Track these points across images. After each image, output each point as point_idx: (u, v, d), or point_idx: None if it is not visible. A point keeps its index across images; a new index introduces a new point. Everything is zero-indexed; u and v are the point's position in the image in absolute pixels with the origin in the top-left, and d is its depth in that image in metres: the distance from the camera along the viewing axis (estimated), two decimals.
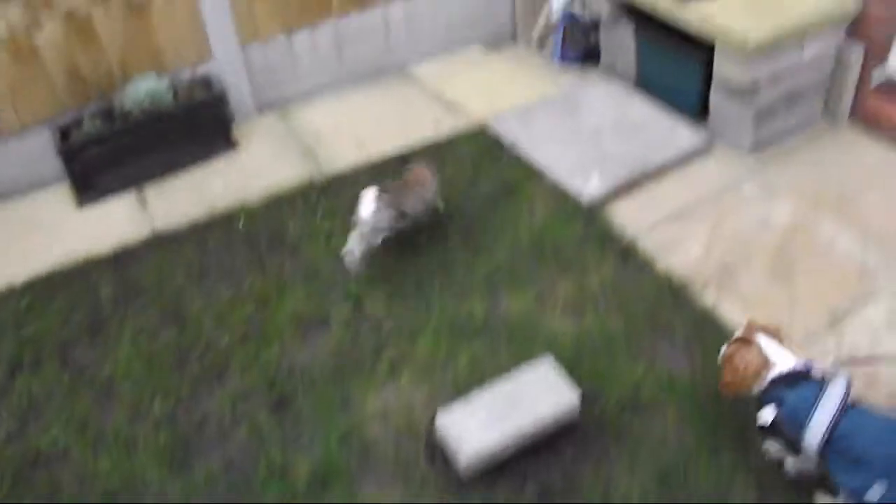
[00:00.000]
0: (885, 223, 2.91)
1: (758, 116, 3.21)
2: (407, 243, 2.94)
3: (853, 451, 1.75)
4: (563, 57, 3.89)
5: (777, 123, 3.31)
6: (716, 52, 3.14)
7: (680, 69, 3.39)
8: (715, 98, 3.32)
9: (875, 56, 3.27)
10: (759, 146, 3.31)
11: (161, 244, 3.07)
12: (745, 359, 1.94)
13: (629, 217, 3.03)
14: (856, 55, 3.28)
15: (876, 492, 1.68)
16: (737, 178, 3.19)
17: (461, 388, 2.40)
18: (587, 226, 2.98)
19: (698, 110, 3.42)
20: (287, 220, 3.11)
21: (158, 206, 3.26)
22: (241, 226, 3.10)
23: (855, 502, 1.75)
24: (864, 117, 3.41)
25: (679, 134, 3.34)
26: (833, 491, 1.89)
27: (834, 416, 1.77)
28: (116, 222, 3.22)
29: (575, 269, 2.82)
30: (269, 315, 2.74)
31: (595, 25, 3.77)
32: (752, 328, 2.03)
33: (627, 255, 2.87)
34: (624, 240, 2.93)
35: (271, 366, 2.57)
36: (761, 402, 1.93)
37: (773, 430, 1.93)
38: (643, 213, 3.04)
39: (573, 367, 2.42)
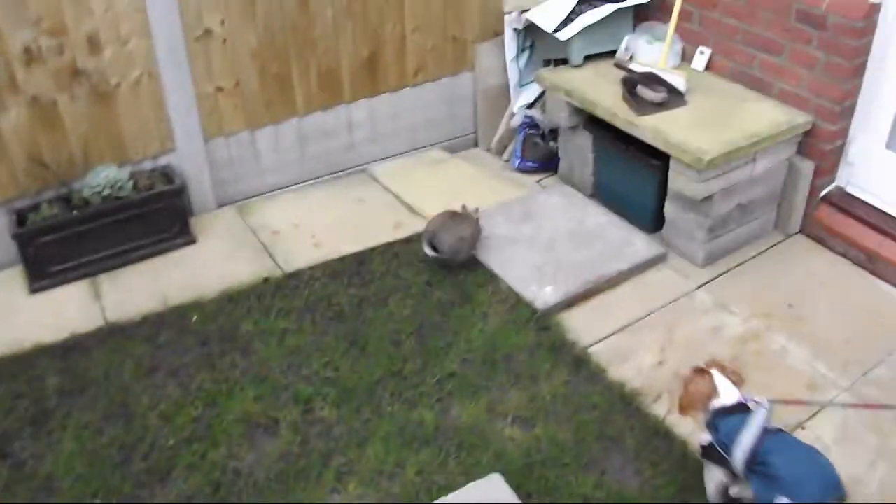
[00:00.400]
0: (835, 334, 3.00)
1: (711, 229, 3.30)
2: (359, 345, 2.93)
3: (768, 469, 2.07)
4: (522, 163, 3.99)
5: (730, 235, 3.41)
6: (671, 167, 3.25)
7: (636, 180, 3.50)
8: (670, 210, 3.41)
9: (825, 169, 3.42)
10: (712, 257, 3.39)
11: (112, 336, 3.01)
12: (697, 386, 2.29)
13: (582, 326, 3.06)
14: (806, 168, 3.42)
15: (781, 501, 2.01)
16: (690, 289, 3.26)
17: (409, 500, 2.36)
18: (540, 334, 3.00)
19: (654, 221, 3.51)
20: (241, 317, 3.08)
21: (112, 297, 3.21)
22: (193, 321, 3.06)
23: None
24: (814, 228, 3.53)
25: (634, 244, 3.41)
26: None
27: (755, 438, 2.11)
28: (68, 311, 3.15)
29: (526, 377, 2.82)
30: (217, 416, 2.68)
31: (554, 133, 3.89)
32: (712, 363, 2.36)
33: (580, 364, 2.88)
34: (576, 349, 2.95)
35: (217, 468, 2.50)
36: (706, 429, 2.28)
37: (709, 452, 2.27)
38: (596, 322, 3.08)
39: (522, 480, 2.40)
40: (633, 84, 3.43)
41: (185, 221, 3.51)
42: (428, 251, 3.25)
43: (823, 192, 3.49)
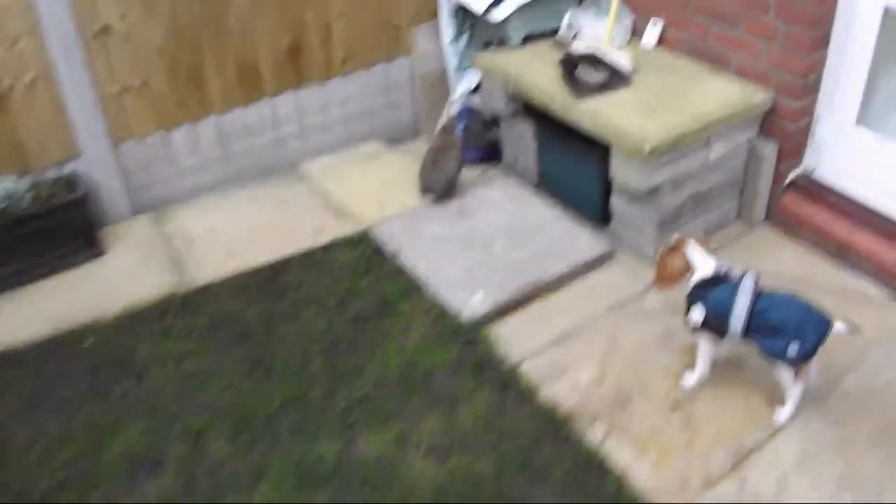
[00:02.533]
0: None
1: (661, 223, 2.98)
2: (263, 367, 2.65)
3: (770, 325, 2.25)
4: (465, 155, 3.66)
5: (685, 228, 3.08)
6: (612, 156, 2.92)
7: (580, 171, 3.17)
8: (616, 202, 3.09)
9: (790, 151, 3.08)
10: None
11: None
12: (672, 263, 2.40)
13: (515, 338, 2.75)
14: (769, 151, 3.08)
15: (793, 349, 2.22)
16: (640, 291, 2.93)
17: None
18: (465, 349, 2.70)
19: (601, 214, 3.19)
20: (139, 339, 2.80)
21: (1, 321, 2.94)
22: (87, 346, 2.79)
23: (780, 359, 2.27)
24: (780, 218, 3.20)
25: (578, 241, 3.10)
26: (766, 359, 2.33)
27: (749, 303, 2.27)
28: None
29: (446, 400, 2.52)
30: (99, 454, 2.40)
31: (496, 121, 3.57)
32: (682, 240, 2.42)
33: (508, 383, 2.58)
34: (506, 365, 2.64)
35: None
36: (688, 304, 2.38)
37: (703, 325, 2.37)
38: (531, 333, 2.77)
39: None
40: (573, 66, 3.10)
41: (91, 233, 3.24)
42: (426, 199, 3.35)
43: (789, 178, 3.14)
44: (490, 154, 3.65)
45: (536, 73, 3.20)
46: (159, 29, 3.18)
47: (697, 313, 2.35)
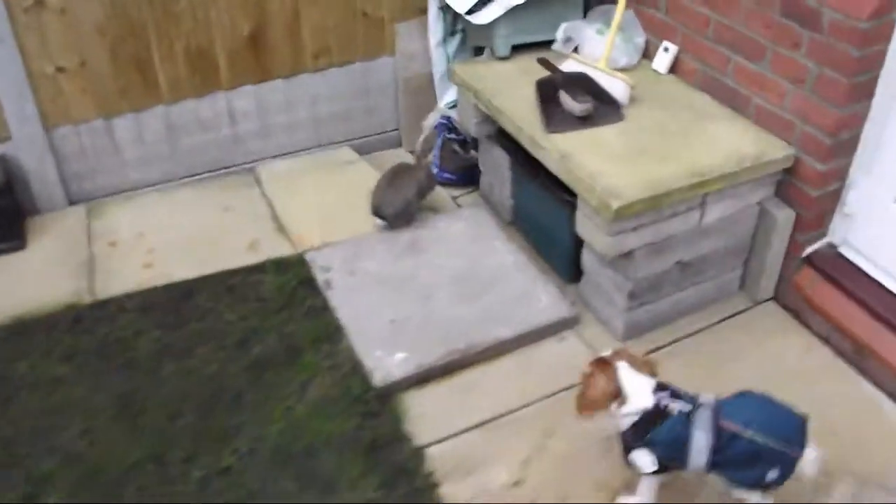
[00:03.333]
0: None
1: (634, 294, 2.47)
2: (132, 411, 2.31)
3: (740, 457, 1.79)
4: (440, 174, 3.21)
5: (667, 300, 2.56)
6: (578, 208, 2.42)
7: (553, 215, 2.68)
8: (587, 260, 2.59)
9: (811, 220, 2.51)
10: (639, 328, 2.56)
11: None
12: (597, 384, 1.88)
13: (429, 414, 2.32)
14: (785, 218, 2.52)
15: (773, 475, 1.79)
16: None
17: None
18: (365, 421, 2.28)
19: (573, 269, 2.69)
20: (21, 354, 2.50)
21: None
22: None
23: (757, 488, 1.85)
24: (791, 297, 2.64)
25: (537, 300, 2.61)
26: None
27: (711, 439, 1.80)
28: None
29: (321, 485, 2.12)
30: None
31: (476, 141, 3.09)
32: (618, 354, 1.91)
33: (402, 473, 2.15)
34: (408, 448, 2.22)
35: None
36: (627, 445, 1.90)
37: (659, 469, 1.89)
38: (450, 411, 2.33)
39: None
40: (553, 88, 2.59)
41: (15, 223, 2.97)
42: (377, 222, 2.90)
43: (807, 252, 2.57)
44: (468, 176, 3.19)
45: (513, 93, 2.70)
46: (100, 6, 2.83)
47: (648, 462, 1.87)
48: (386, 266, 2.75)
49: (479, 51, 3.11)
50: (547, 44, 2.93)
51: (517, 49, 2.92)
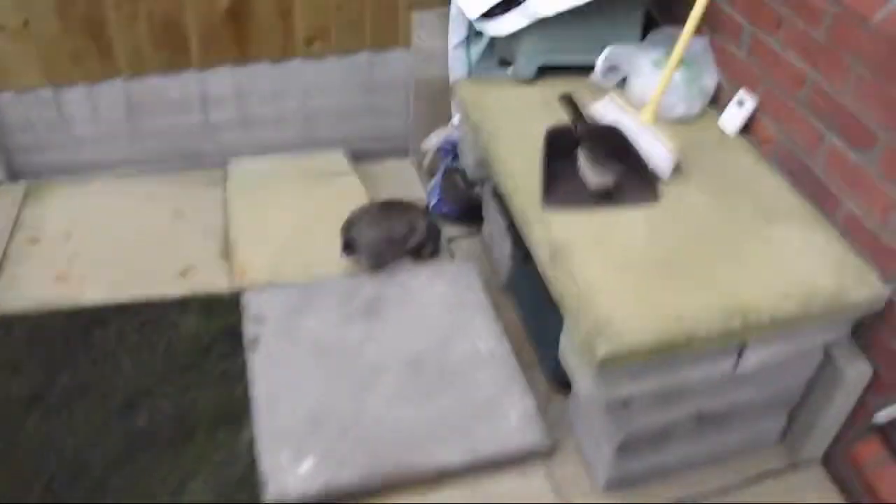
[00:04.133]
0: None
1: (625, 447, 1.83)
2: None
3: None
4: (438, 206, 2.60)
5: (674, 456, 1.92)
6: (564, 325, 1.78)
7: (547, 306, 2.03)
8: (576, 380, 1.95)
9: (891, 381, 1.79)
10: (628, 481, 1.93)
11: None
12: None
13: None
14: (857, 374, 1.81)
15: None
16: None
17: None
18: None
19: (562, 375, 2.06)
20: None
21: None
22: None
23: None
24: (844, 468, 1.95)
25: (508, 413, 2.01)
26: None
27: None
28: None
29: None
30: None
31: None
32: None
33: None
34: None
35: None
36: None
37: None
38: None
39: None
40: (570, 143, 1.91)
41: None
42: (343, 255, 2.31)
43: (882, 418, 1.84)
44: (472, 212, 2.56)
45: (520, 133, 2.03)
46: None
47: None
48: (331, 329, 2.19)
49: (503, 63, 2.43)
50: (589, 69, 2.23)
51: (548, 71, 2.24)
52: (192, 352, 2.17)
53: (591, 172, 1.85)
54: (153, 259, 2.43)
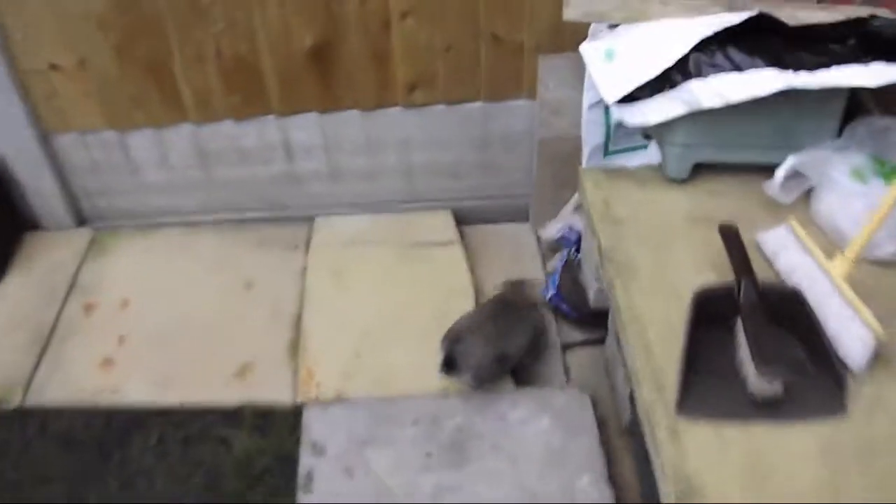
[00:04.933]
0: None
1: None
2: None
3: None
4: (556, 299, 2.08)
5: None
6: None
7: None
8: None
9: None
10: None
11: None
12: None
13: None
14: None
15: None
16: None
17: None
18: None
19: None
20: None
21: None
22: None
23: None
24: None
25: None
26: None
27: None
28: None
29: None
30: None
31: None
32: None
33: None
34: None
35: None
36: None
37: None
38: None
39: None
40: (727, 310, 1.33)
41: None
42: (441, 369, 1.83)
43: None
44: (594, 315, 2.02)
45: (656, 278, 1.46)
46: None
47: None
48: (403, 473, 1.75)
49: (648, 136, 1.85)
50: (765, 170, 1.60)
51: (704, 169, 1.64)
52: (237, 480, 1.80)
53: (755, 375, 1.28)
54: (210, 348, 2.07)
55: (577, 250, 2.00)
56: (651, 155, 1.76)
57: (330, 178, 2.34)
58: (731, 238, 1.43)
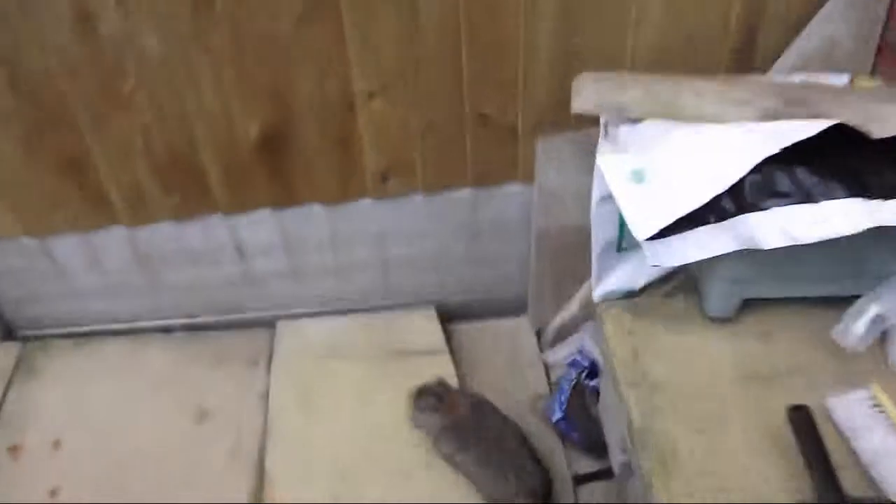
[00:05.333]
0: None
1: None
2: None
3: None
4: (563, 425, 1.74)
5: None
6: None
7: None
8: None
9: None
10: None
11: None
12: None
13: None
14: None
15: None
16: None
17: None
18: None
19: None
20: None
21: None
22: None
23: None
24: None
25: None
26: None
27: None
28: None
29: None
30: None
31: None
32: None
33: None
34: None
35: None
36: None
37: None
38: None
39: None
40: None
41: None
42: None
43: None
44: (599, 448, 1.68)
45: (703, 463, 1.13)
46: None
47: None
48: None
49: None
50: (830, 303, 1.26)
51: (751, 301, 1.30)
52: None
53: None
54: (161, 495, 1.72)
55: (588, 376, 1.66)
56: None
57: (292, 278, 1.98)
58: (804, 428, 1.09)
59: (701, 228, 1.16)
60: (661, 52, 1.54)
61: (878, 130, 1.09)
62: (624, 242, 1.67)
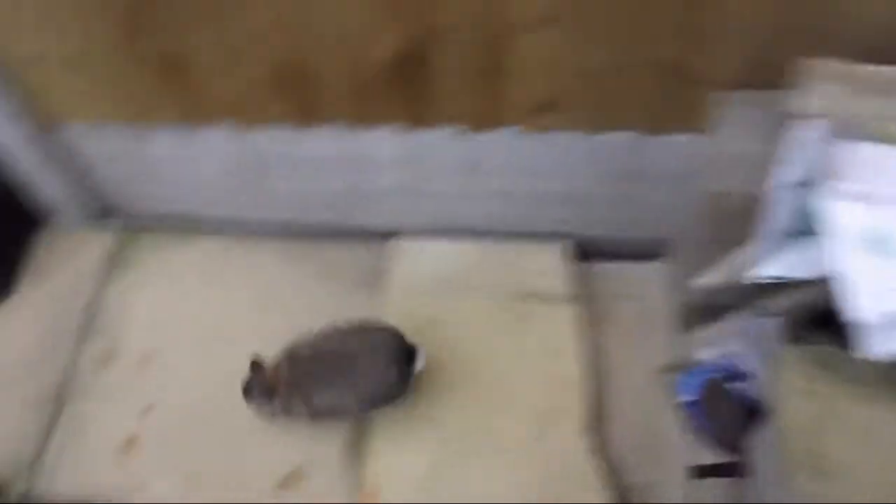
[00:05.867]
0: None
1: None
2: None
3: None
4: (696, 419, 1.57)
5: None
6: None
7: None
8: None
9: None
10: None
11: None
12: None
13: None
14: None
15: None
16: None
17: None
18: None
19: None
20: None
21: None
22: None
23: None
24: None
25: None
26: None
27: None
28: None
29: None
30: None
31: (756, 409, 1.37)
32: None
33: None
34: None
35: None
36: None
37: None
38: None
39: None
40: None
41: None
42: None
43: None
44: (734, 455, 1.51)
45: None
46: None
47: None
48: None
49: None
50: None
51: None
52: None
53: None
54: (252, 442, 1.64)
55: (727, 378, 1.46)
56: None
57: (412, 194, 1.78)
58: None
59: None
60: None
61: None
62: (799, 225, 1.43)
